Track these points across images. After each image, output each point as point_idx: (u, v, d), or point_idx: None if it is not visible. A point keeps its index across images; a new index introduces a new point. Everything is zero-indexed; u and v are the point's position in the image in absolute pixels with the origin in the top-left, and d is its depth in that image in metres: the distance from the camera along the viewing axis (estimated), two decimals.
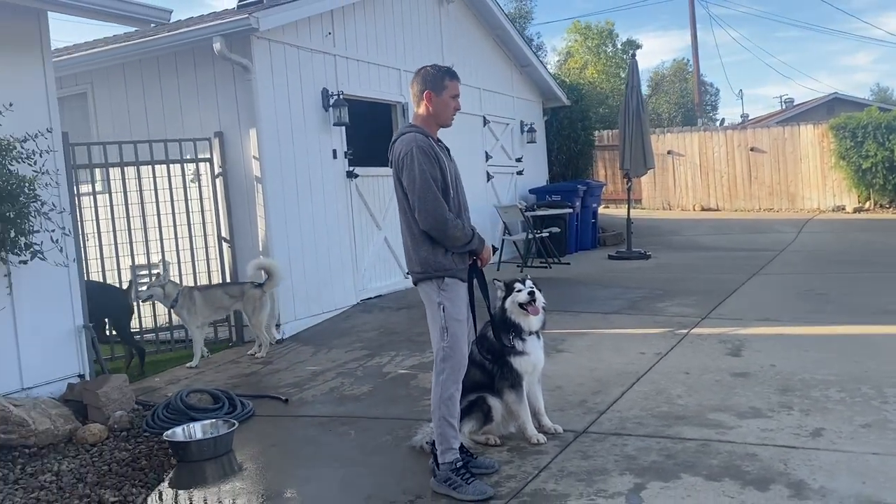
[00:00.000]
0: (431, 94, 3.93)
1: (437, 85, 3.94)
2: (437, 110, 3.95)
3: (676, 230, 15.88)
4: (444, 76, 3.95)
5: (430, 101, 3.94)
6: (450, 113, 3.99)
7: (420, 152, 3.79)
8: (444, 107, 3.96)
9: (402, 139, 3.89)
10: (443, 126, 4.03)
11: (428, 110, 3.96)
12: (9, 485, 4.44)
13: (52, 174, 5.69)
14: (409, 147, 3.82)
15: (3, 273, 5.54)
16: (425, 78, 3.96)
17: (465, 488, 3.79)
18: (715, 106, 47.91)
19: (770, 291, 8.87)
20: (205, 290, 7.23)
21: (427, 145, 3.83)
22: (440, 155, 3.87)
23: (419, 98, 3.97)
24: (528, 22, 38.93)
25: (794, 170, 18.63)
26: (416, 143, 3.82)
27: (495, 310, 4.55)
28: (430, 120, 3.97)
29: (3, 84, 5.62)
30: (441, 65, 4.09)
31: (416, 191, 3.77)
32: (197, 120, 8.02)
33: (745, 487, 3.66)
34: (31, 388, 5.75)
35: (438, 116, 3.97)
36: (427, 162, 3.78)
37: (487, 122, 12.61)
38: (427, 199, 3.76)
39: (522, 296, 4.52)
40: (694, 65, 28.69)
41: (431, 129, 3.98)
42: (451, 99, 3.96)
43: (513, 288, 4.56)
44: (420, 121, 3.98)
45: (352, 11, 9.30)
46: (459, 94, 4.02)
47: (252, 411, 5.57)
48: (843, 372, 5.40)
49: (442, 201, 3.78)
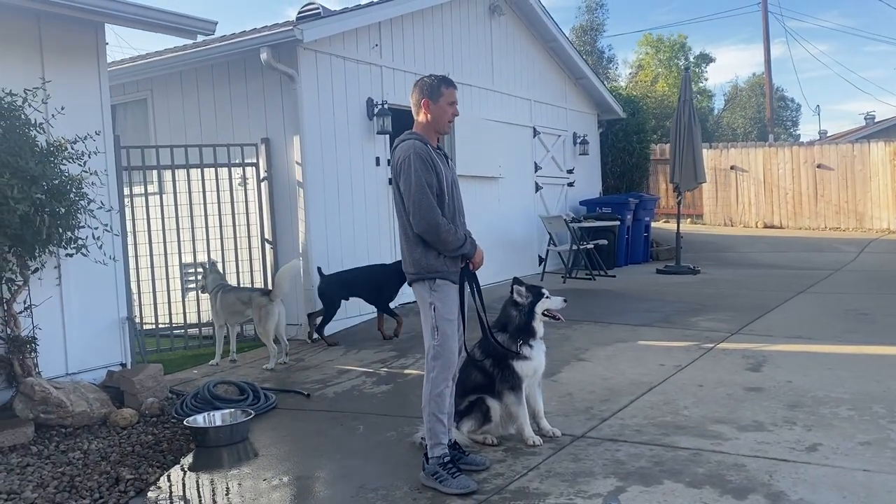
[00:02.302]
0: (429, 102, 4.12)
1: (433, 93, 4.12)
2: (435, 117, 4.13)
3: (733, 247, 15.61)
4: (440, 85, 4.14)
5: (428, 108, 4.12)
6: (446, 119, 4.16)
7: (417, 159, 3.97)
8: (442, 113, 4.13)
9: (402, 146, 4.08)
10: (440, 133, 4.20)
11: (426, 118, 4.14)
12: (41, 459, 4.80)
13: (100, 174, 6.10)
14: (406, 153, 4.00)
15: (52, 265, 5.96)
16: (422, 88, 4.15)
17: (451, 482, 3.94)
18: (795, 122, 46.72)
19: (811, 310, 8.69)
20: (225, 293, 7.32)
21: (425, 152, 4.01)
22: (437, 161, 4.04)
23: (418, 107, 4.16)
24: (599, 34, 38.86)
25: (862, 188, 18.05)
26: (415, 149, 4.00)
27: (515, 314, 4.65)
28: (428, 127, 4.15)
29: (62, 89, 6.04)
30: (437, 74, 4.28)
31: (412, 196, 3.95)
32: (246, 126, 8.42)
33: (723, 496, 3.70)
34: (74, 373, 6.14)
35: (436, 123, 4.14)
36: (423, 168, 3.96)
37: (538, 134, 12.71)
38: (421, 205, 3.93)
39: (556, 302, 4.66)
40: (766, 79, 28.06)
41: (430, 136, 4.15)
42: (447, 106, 4.13)
43: (541, 294, 4.69)
44: (420, 128, 4.17)
45: (399, 23, 9.58)
46: (456, 101, 4.18)
47: (274, 404, 5.84)
48: (859, 391, 5.32)
49: (435, 207, 3.95)
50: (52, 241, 5.59)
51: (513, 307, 4.69)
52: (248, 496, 4.13)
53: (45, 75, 5.79)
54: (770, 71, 27.43)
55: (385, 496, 3.96)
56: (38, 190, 5.36)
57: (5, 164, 5.12)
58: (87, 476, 4.47)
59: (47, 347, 5.88)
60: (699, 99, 37.06)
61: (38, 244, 5.48)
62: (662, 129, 25.14)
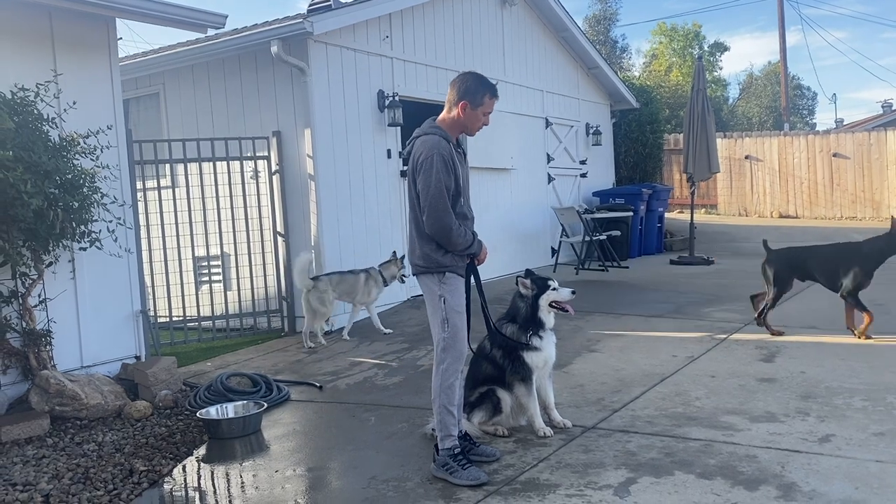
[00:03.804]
0: (467, 104, 4.03)
1: (475, 99, 4.03)
2: (468, 121, 4.07)
3: (748, 237, 15.49)
4: (485, 93, 4.04)
5: (464, 110, 4.04)
6: (478, 126, 4.12)
7: (440, 160, 3.90)
8: (475, 120, 4.08)
9: (425, 141, 4.01)
10: (468, 134, 4.18)
11: (459, 117, 4.06)
12: (57, 451, 4.85)
13: (112, 168, 6.13)
14: (430, 152, 3.93)
15: (66, 259, 6.01)
16: (467, 88, 4.04)
17: (461, 473, 3.95)
18: (812, 110, 46.25)
19: (826, 300, 8.55)
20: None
21: (448, 153, 3.94)
22: (457, 163, 4.00)
23: (453, 104, 4.06)
24: (612, 24, 38.57)
25: (879, 177, 17.86)
26: (439, 149, 3.92)
27: (522, 306, 4.65)
28: (456, 125, 4.08)
29: (74, 84, 6.08)
30: (486, 79, 4.14)
31: (429, 197, 3.91)
32: (258, 119, 8.44)
33: (734, 487, 3.68)
34: (89, 366, 6.20)
35: (467, 126, 4.09)
36: (444, 171, 3.90)
37: (550, 124, 12.66)
38: (437, 208, 3.90)
39: (564, 294, 4.65)
40: (782, 67, 27.80)
41: (454, 132, 4.10)
42: (483, 115, 4.08)
43: (547, 286, 4.67)
44: (446, 123, 4.08)
45: (410, 15, 9.56)
46: (492, 111, 4.13)
47: (287, 395, 5.87)
48: (874, 382, 5.28)
49: (450, 212, 3.92)
50: (65, 235, 5.63)
51: (519, 299, 4.69)
52: (261, 487, 4.16)
53: (57, 70, 5.82)
54: (785, 59, 27.16)
55: (396, 487, 3.98)
56: (51, 184, 5.40)
57: (18, 159, 5.16)
58: (102, 468, 4.52)
59: (62, 340, 5.93)
60: (713, 88, 36.80)
61: (52, 238, 5.53)
62: (676, 119, 25.03)
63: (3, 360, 5.58)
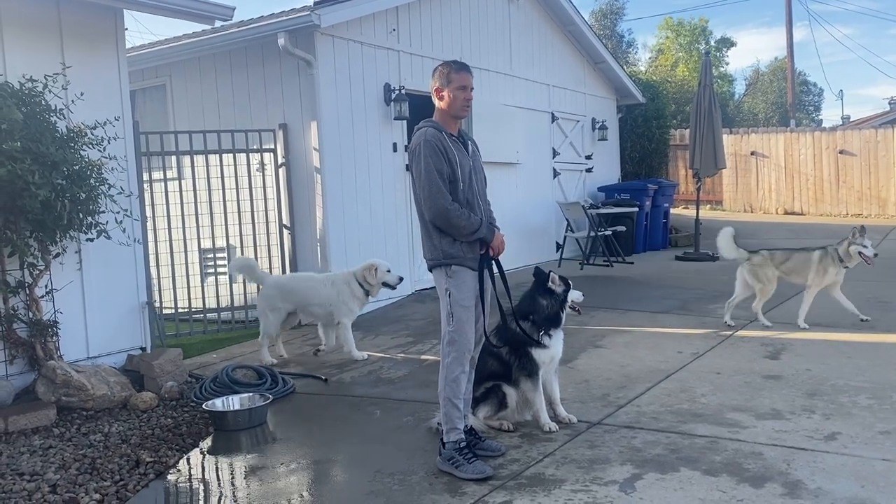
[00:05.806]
0: (440, 88, 4.11)
1: (443, 80, 4.11)
2: (450, 105, 4.11)
3: (753, 233, 15.42)
4: (449, 70, 4.12)
5: (440, 96, 4.12)
6: (459, 104, 4.12)
7: (427, 146, 3.97)
8: (454, 100, 4.10)
9: (416, 134, 4.10)
10: (458, 117, 4.18)
11: (441, 105, 4.13)
12: (63, 441, 4.87)
13: (119, 160, 6.14)
14: (418, 141, 4.03)
15: (73, 250, 6.02)
16: (437, 76, 4.15)
17: (467, 467, 3.95)
18: (818, 107, 46.06)
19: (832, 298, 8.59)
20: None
21: (435, 139, 3.99)
22: (449, 148, 4.01)
23: (434, 96, 4.17)
24: (619, 18, 38.48)
25: (886, 174, 17.81)
26: (425, 137, 4.01)
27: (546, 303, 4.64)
28: (445, 114, 4.14)
29: (82, 75, 6.07)
30: (450, 60, 4.27)
31: (422, 182, 3.97)
32: (264, 112, 8.44)
33: (740, 484, 3.68)
34: (95, 357, 6.21)
35: (451, 109, 4.13)
36: (432, 155, 3.95)
37: (556, 119, 12.64)
38: (431, 190, 3.94)
39: (577, 295, 4.75)
40: (788, 63, 27.70)
41: (447, 122, 4.13)
42: (458, 91, 4.09)
43: (569, 285, 4.72)
44: (437, 115, 4.16)
45: (417, 8, 9.53)
46: (469, 86, 4.13)
47: (292, 388, 5.88)
48: (880, 379, 5.27)
49: (444, 191, 3.94)
50: (72, 226, 5.64)
51: (546, 296, 4.63)
52: (266, 480, 4.17)
53: (64, 61, 5.81)
54: (792, 55, 27.07)
55: (401, 481, 3.98)
56: (58, 175, 5.40)
57: (26, 150, 5.16)
58: (108, 458, 4.54)
59: (68, 331, 5.94)
60: (719, 84, 36.64)
61: (59, 229, 5.54)
62: (682, 115, 24.93)
63: (9, 351, 5.60)
